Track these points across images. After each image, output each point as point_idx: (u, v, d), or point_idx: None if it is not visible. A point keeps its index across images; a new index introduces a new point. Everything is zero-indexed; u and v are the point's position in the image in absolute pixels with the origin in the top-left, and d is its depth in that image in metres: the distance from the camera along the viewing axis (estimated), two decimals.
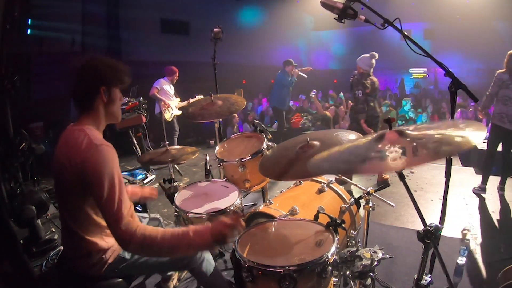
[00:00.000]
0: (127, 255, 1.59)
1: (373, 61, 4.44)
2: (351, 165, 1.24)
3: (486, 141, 4.14)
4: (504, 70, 3.74)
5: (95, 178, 1.33)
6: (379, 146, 1.23)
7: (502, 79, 3.74)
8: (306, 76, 5.50)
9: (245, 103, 2.79)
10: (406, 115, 8.22)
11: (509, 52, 3.71)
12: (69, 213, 1.48)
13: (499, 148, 4.02)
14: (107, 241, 1.52)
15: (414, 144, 1.17)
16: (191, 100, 5.19)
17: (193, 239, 1.33)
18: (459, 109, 7.37)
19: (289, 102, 7.13)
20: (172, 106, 5.36)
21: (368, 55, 4.44)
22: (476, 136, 1.13)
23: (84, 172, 1.35)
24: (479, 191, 4.06)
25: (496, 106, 3.86)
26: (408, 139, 1.22)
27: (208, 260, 1.85)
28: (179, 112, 5.38)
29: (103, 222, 1.48)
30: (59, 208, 1.56)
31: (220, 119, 3.08)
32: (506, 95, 3.73)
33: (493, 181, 4.07)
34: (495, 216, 3.53)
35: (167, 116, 5.34)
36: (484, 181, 4.05)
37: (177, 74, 5.42)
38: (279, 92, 6.51)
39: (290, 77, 6.23)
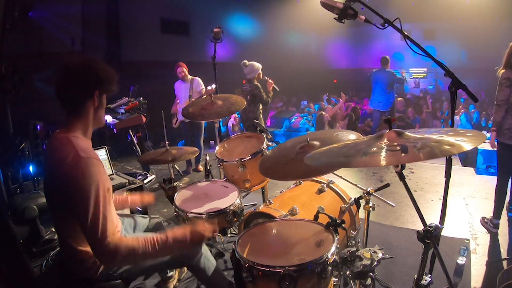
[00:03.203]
0: None
1: None
2: (350, 159, 1.25)
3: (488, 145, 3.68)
4: (502, 68, 3.01)
5: (79, 195, 1.28)
6: (378, 143, 1.24)
7: (510, 79, 2.94)
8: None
9: (245, 103, 2.79)
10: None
11: (511, 44, 2.95)
12: (61, 221, 1.47)
13: None
14: None
15: (412, 143, 1.19)
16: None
17: (172, 245, 1.44)
18: (462, 110, 7.36)
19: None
20: (178, 111, 5.26)
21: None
22: (471, 144, 1.14)
23: (68, 188, 1.30)
24: (490, 228, 3.19)
25: (505, 119, 3.00)
26: (406, 139, 1.23)
27: (206, 257, 1.86)
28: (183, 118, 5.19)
29: None
30: (52, 216, 1.55)
31: (221, 119, 3.07)
32: None
33: (494, 181, 4.05)
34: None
35: (173, 122, 5.28)
36: (497, 215, 3.18)
37: (179, 69, 5.04)
38: (386, 93, 5.85)
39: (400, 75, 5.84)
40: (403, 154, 1.14)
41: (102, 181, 1.34)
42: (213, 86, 4.67)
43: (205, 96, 4.72)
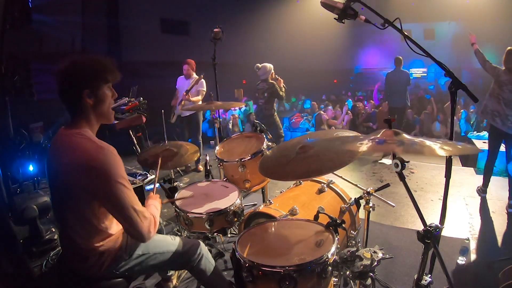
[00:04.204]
0: (124, 255, 1.59)
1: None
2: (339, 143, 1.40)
3: (486, 141, 4.06)
4: (504, 69, 3.56)
5: (113, 180, 1.36)
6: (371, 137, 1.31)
7: (499, 75, 3.58)
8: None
9: (245, 98, 2.80)
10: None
11: (508, 49, 3.50)
12: (69, 218, 1.46)
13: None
14: (104, 245, 1.52)
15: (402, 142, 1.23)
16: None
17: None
18: (462, 110, 7.39)
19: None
20: (176, 106, 5.26)
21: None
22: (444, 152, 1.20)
23: (101, 176, 1.35)
24: (480, 193, 3.98)
25: (489, 101, 3.70)
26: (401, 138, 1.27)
27: (207, 258, 1.85)
28: (180, 112, 5.21)
29: (101, 227, 1.48)
30: (57, 213, 1.55)
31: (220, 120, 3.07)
32: (500, 94, 3.58)
33: (495, 181, 4.07)
34: (495, 216, 3.53)
35: (170, 117, 5.27)
36: (485, 184, 3.91)
37: (185, 66, 5.05)
38: (403, 91, 6.38)
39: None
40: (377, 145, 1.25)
41: (123, 166, 1.43)
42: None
43: (199, 96, 4.83)
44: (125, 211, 1.39)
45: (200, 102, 4.94)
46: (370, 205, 2.02)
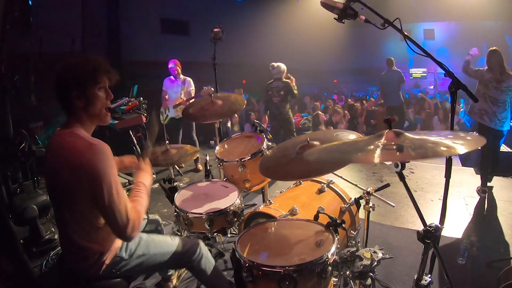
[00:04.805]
0: (124, 255, 1.59)
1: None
2: (346, 155, 1.31)
3: None
4: (487, 68, 3.71)
5: (100, 177, 1.34)
6: (376, 142, 1.25)
7: (483, 75, 3.72)
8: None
9: (245, 101, 2.79)
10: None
11: (490, 49, 3.66)
12: (67, 218, 1.47)
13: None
14: (103, 245, 1.52)
15: (408, 143, 1.19)
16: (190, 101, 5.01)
17: (143, 191, 1.63)
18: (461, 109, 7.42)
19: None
20: (169, 108, 5.26)
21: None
22: (465, 148, 1.11)
23: (88, 173, 1.34)
24: (479, 193, 3.99)
25: (478, 102, 3.78)
26: (404, 139, 1.23)
27: (207, 258, 1.85)
28: (175, 115, 5.17)
29: (100, 225, 1.48)
30: (56, 213, 1.55)
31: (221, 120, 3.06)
32: (486, 93, 3.70)
33: (494, 181, 4.08)
34: (495, 216, 3.53)
35: (162, 119, 5.27)
36: (484, 184, 3.95)
37: (173, 66, 5.09)
38: (397, 90, 6.77)
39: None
40: (398, 153, 1.15)
41: (114, 165, 1.42)
42: (211, 88, 4.75)
43: (193, 95, 4.86)
44: (109, 209, 1.37)
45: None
46: (370, 205, 2.02)
